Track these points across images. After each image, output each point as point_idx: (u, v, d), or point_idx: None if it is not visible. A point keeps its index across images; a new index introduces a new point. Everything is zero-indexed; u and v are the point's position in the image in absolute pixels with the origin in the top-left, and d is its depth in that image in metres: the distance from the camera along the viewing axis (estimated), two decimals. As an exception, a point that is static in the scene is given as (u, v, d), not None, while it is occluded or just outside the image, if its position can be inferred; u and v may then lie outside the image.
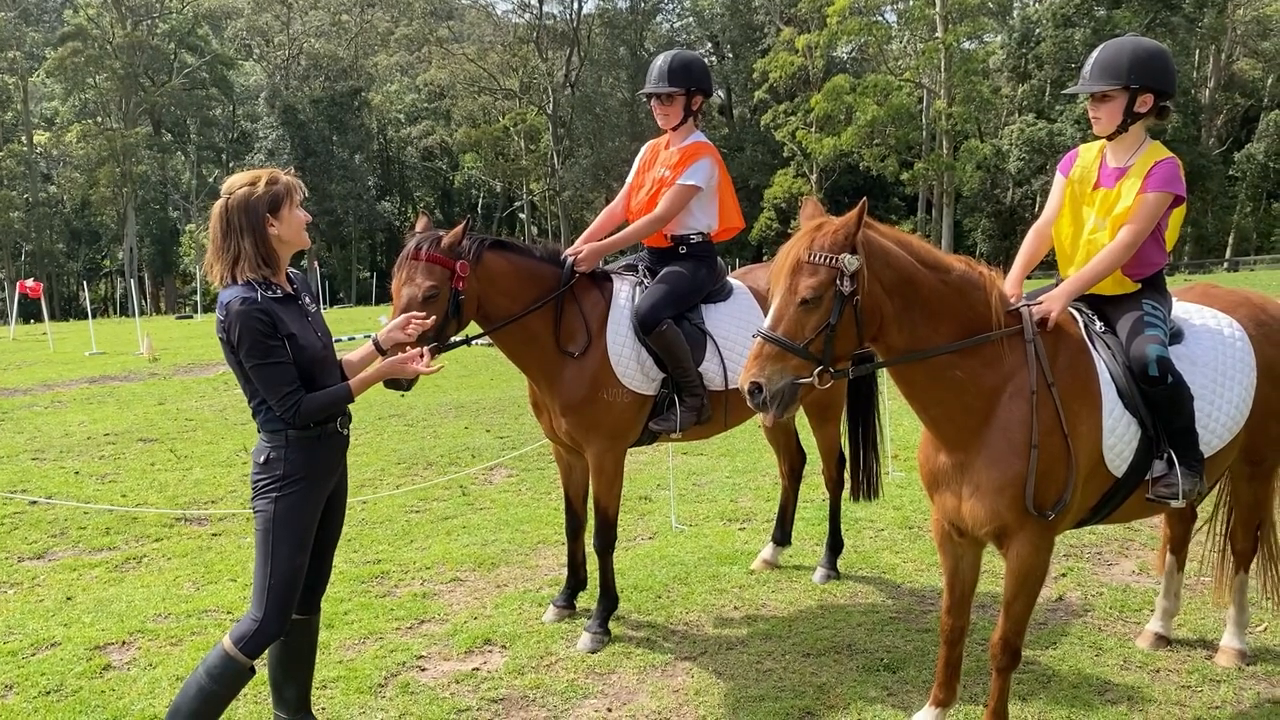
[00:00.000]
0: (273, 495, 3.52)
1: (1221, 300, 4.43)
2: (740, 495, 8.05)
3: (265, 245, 3.50)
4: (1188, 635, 5.00)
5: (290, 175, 3.61)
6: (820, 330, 3.42)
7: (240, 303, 3.42)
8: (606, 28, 62.12)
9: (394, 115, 68.43)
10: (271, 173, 3.58)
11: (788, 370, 3.42)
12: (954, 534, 3.92)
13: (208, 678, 3.52)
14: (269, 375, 3.44)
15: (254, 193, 3.49)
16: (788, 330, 3.43)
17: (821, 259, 3.40)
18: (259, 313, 3.42)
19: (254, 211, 3.47)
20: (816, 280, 3.40)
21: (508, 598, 5.77)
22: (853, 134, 48.66)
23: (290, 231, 3.56)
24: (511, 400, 13.38)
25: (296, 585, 3.58)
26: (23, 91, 62.83)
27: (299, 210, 3.59)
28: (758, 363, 3.42)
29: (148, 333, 24.79)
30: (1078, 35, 45.28)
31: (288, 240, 3.57)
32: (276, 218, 3.51)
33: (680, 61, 5.36)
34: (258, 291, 3.46)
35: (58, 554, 6.93)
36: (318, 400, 3.51)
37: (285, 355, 3.46)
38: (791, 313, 3.43)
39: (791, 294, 3.43)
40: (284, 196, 3.53)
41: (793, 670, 4.71)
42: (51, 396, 15.68)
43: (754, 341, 3.48)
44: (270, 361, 3.43)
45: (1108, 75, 3.95)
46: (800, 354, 3.42)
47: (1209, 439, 4.00)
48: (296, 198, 3.58)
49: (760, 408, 3.44)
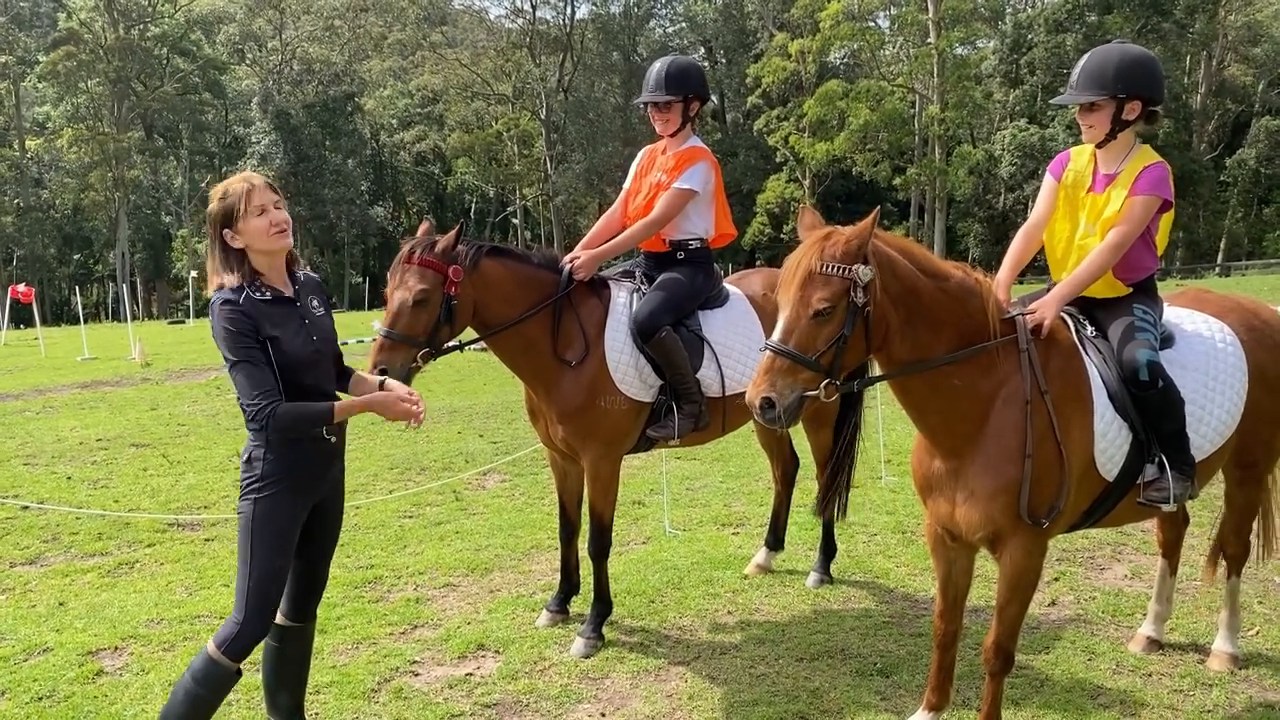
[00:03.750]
0: (252, 496, 3.49)
1: (1213, 305, 4.45)
2: (734, 500, 8.05)
3: (230, 258, 3.49)
4: (1180, 639, 5.02)
5: (250, 182, 3.51)
6: (832, 343, 3.37)
7: (222, 303, 3.42)
8: (599, 33, 62.11)
9: (387, 120, 68.34)
10: (228, 184, 3.53)
11: (797, 384, 3.36)
12: (947, 539, 3.93)
13: (194, 682, 3.50)
14: (242, 376, 3.41)
15: (214, 209, 3.50)
16: (799, 343, 3.36)
17: (834, 270, 3.35)
18: (238, 313, 3.40)
19: (214, 227, 3.50)
20: (830, 291, 3.34)
21: (501, 603, 5.77)
22: (845, 139, 48.68)
23: (254, 239, 3.48)
24: (505, 405, 13.37)
25: (277, 586, 3.54)
26: (14, 96, 62.66)
27: (259, 218, 3.46)
28: (768, 377, 3.35)
29: (140, 338, 24.73)
30: (1070, 41, 45.41)
31: (255, 248, 3.50)
32: (235, 230, 3.47)
33: (677, 68, 5.37)
34: (244, 292, 3.45)
35: (50, 559, 6.91)
36: (291, 413, 3.43)
37: (262, 358, 3.42)
38: (803, 325, 3.36)
39: (804, 306, 3.36)
40: (234, 208, 3.46)
41: (786, 675, 4.71)
42: (43, 402, 15.63)
43: (763, 355, 3.41)
44: (244, 361, 3.40)
45: (1094, 84, 3.97)
46: (812, 367, 3.36)
47: (1200, 443, 4.02)
48: (255, 203, 3.46)
49: (772, 423, 3.37)
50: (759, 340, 5.38)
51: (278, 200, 3.54)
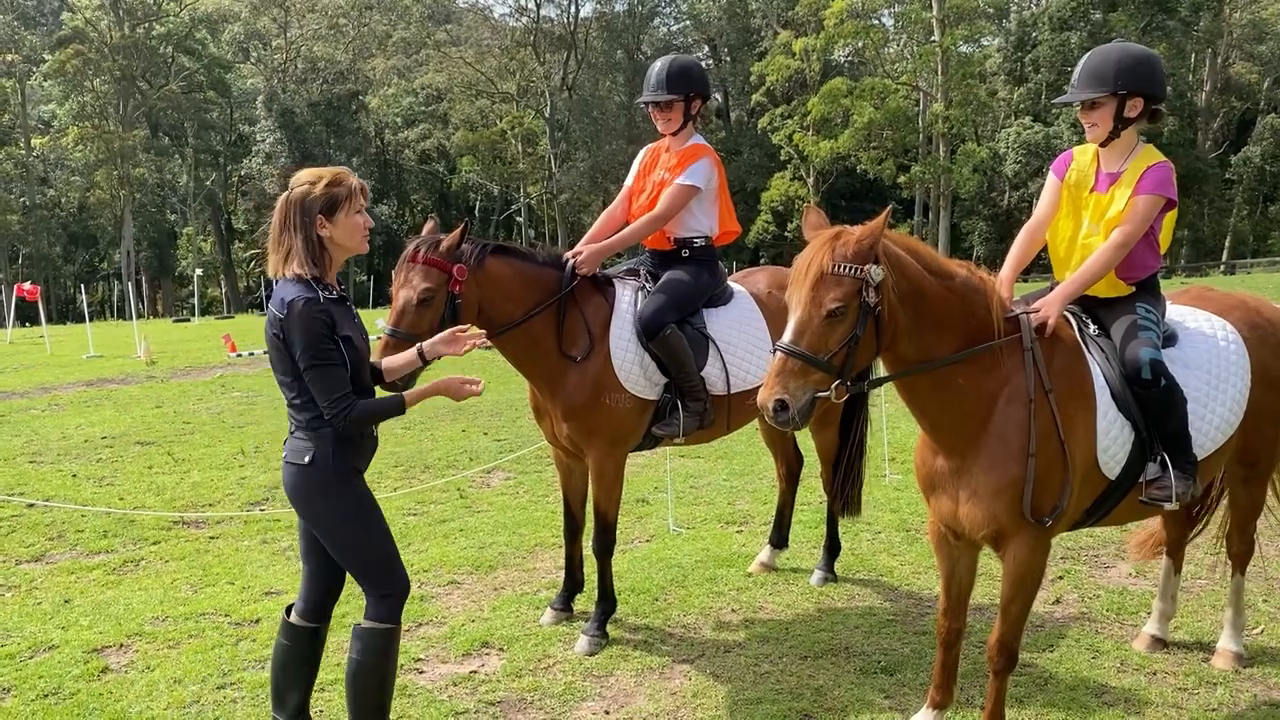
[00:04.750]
0: (334, 493, 3.52)
1: (1216, 303, 4.45)
2: (738, 498, 8.06)
3: (314, 246, 3.47)
4: (1184, 638, 5.02)
5: (356, 179, 3.56)
6: (844, 343, 3.35)
7: (304, 303, 3.38)
8: (604, 31, 62.03)
9: (391, 119, 68.29)
10: (337, 173, 3.54)
11: (809, 385, 3.34)
12: (950, 537, 3.93)
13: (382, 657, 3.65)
14: (323, 378, 3.40)
15: (310, 192, 3.46)
16: (811, 344, 3.34)
17: (846, 270, 3.32)
18: (321, 313, 3.40)
19: (308, 211, 3.45)
20: (842, 291, 3.32)
21: (505, 600, 5.78)
22: (850, 137, 48.61)
23: (345, 235, 3.53)
24: (509, 403, 13.38)
25: (392, 544, 3.66)
26: (20, 94, 62.77)
27: (358, 215, 3.53)
28: (780, 379, 3.32)
29: (145, 336, 24.75)
30: (1074, 39, 45.28)
31: (341, 244, 3.54)
32: (331, 220, 3.47)
33: (678, 67, 5.37)
34: (319, 291, 3.44)
35: (55, 557, 6.93)
36: (369, 408, 3.49)
37: (340, 358, 3.44)
38: (815, 326, 3.34)
39: (816, 306, 3.34)
40: (342, 200, 3.48)
41: (790, 673, 4.72)
42: (49, 399, 15.66)
43: (774, 357, 3.39)
44: (326, 364, 3.40)
45: (1095, 82, 3.98)
46: (824, 368, 3.34)
47: (1202, 441, 4.02)
48: (358, 202, 3.52)
49: (784, 425, 3.35)
50: (764, 338, 5.39)
51: (366, 204, 3.61)
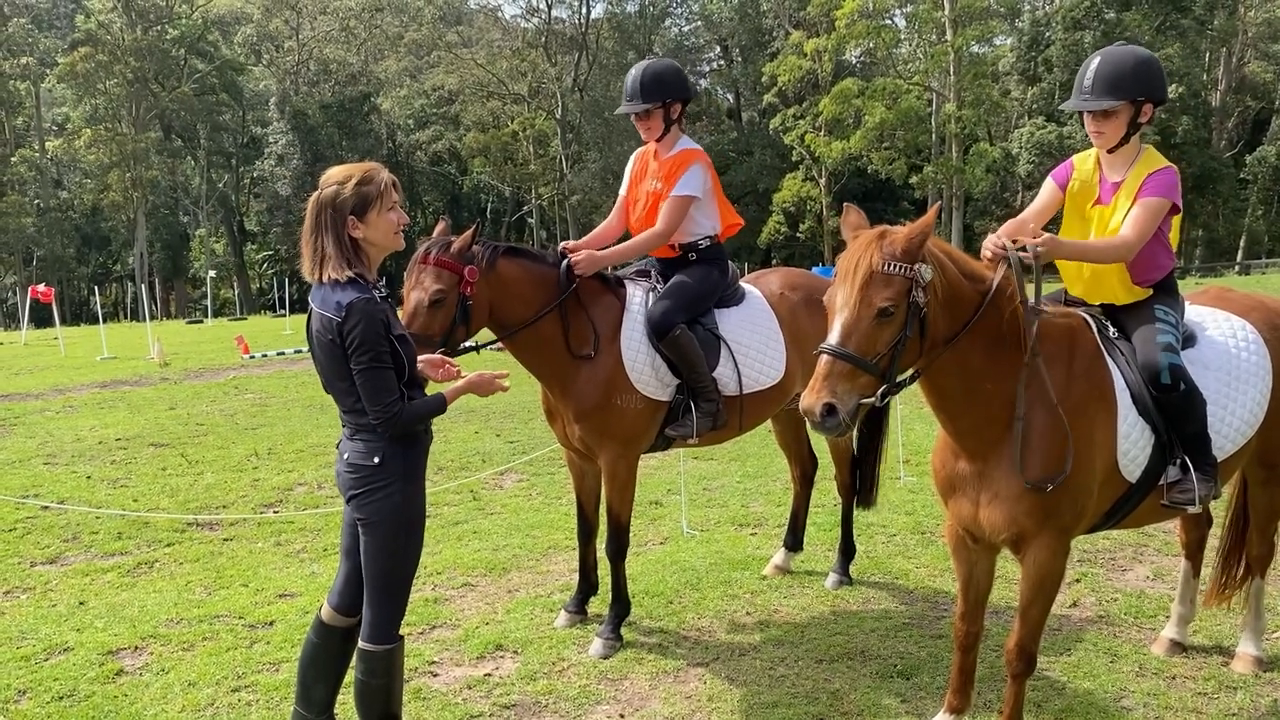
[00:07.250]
0: (396, 496, 3.47)
1: (1236, 304, 4.41)
2: (751, 500, 8.03)
3: (346, 247, 3.40)
4: (1204, 642, 4.98)
5: (387, 175, 3.48)
6: (892, 345, 3.26)
7: (364, 302, 3.32)
8: (615, 32, 62.09)
9: (403, 120, 68.45)
10: (367, 171, 3.46)
11: (856, 389, 3.22)
12: (969, 540, 3.90)
13: (387, 676, 3.64)
14: (376, 380, 3.35)
15: (340, 193, 3.39)
16: (859, 345, 3.22)
17: (897, 269, 3.24)
18: (380, 312, 3.35)
19: (338, 211, 3.39)
20: (893, 291, 3.23)
21: (519, 603, 5.76)
22: (861, 137, 48.51)
23: (379, 235, 3.46)
24: (521, 405, 13.37)
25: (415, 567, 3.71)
26: (35, 97, 63.13)
27: (390, 213, 3.46)
28: (828, 382, 3.18)
29: (158, 337, 24.86)
30: (1087, 38, 45.10)
31: (376, 243, 3.47)
32: (362, 220, 3.41)
33: (651, 74, 5.27)
34: (374, 292, 3.39)
35: (70, 559, 6.95)
36: (415, 410, 3.45)
37: (390, 360, 3.38)
38: (864, 326, 3.22)
39: (866, 306, 3.22)
40: (373, 199, 3.41)
41: (805, 676, 4.69)
42: (63, 401, 15.73)
43: (821, 359, 3.25)
44: (380, 366, 3.35)
45: (1112, 89, 3.89)
46: (871, 370, 3.23)
47: (1221, 443, 3.99)
48: (390, 199, 3.45)
49: (832, 431, 3.20)
50: (776, 339, 5.36)
51: (400, 201, 3.53)
